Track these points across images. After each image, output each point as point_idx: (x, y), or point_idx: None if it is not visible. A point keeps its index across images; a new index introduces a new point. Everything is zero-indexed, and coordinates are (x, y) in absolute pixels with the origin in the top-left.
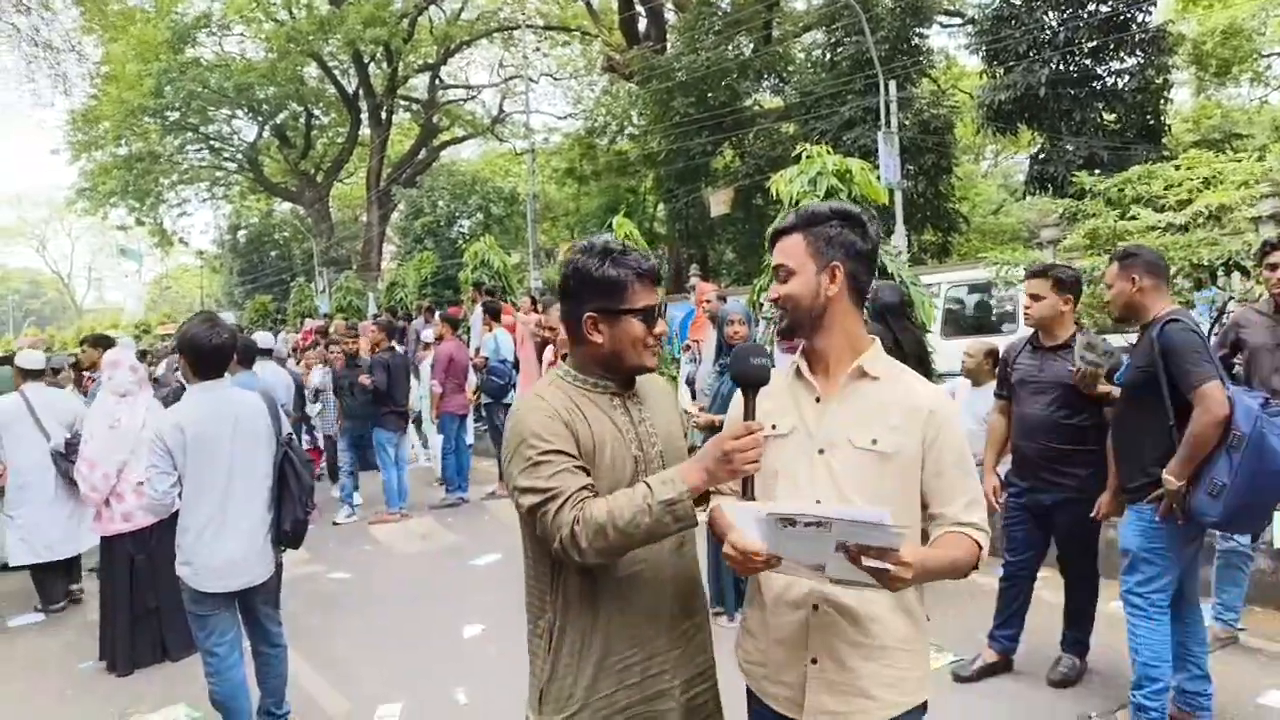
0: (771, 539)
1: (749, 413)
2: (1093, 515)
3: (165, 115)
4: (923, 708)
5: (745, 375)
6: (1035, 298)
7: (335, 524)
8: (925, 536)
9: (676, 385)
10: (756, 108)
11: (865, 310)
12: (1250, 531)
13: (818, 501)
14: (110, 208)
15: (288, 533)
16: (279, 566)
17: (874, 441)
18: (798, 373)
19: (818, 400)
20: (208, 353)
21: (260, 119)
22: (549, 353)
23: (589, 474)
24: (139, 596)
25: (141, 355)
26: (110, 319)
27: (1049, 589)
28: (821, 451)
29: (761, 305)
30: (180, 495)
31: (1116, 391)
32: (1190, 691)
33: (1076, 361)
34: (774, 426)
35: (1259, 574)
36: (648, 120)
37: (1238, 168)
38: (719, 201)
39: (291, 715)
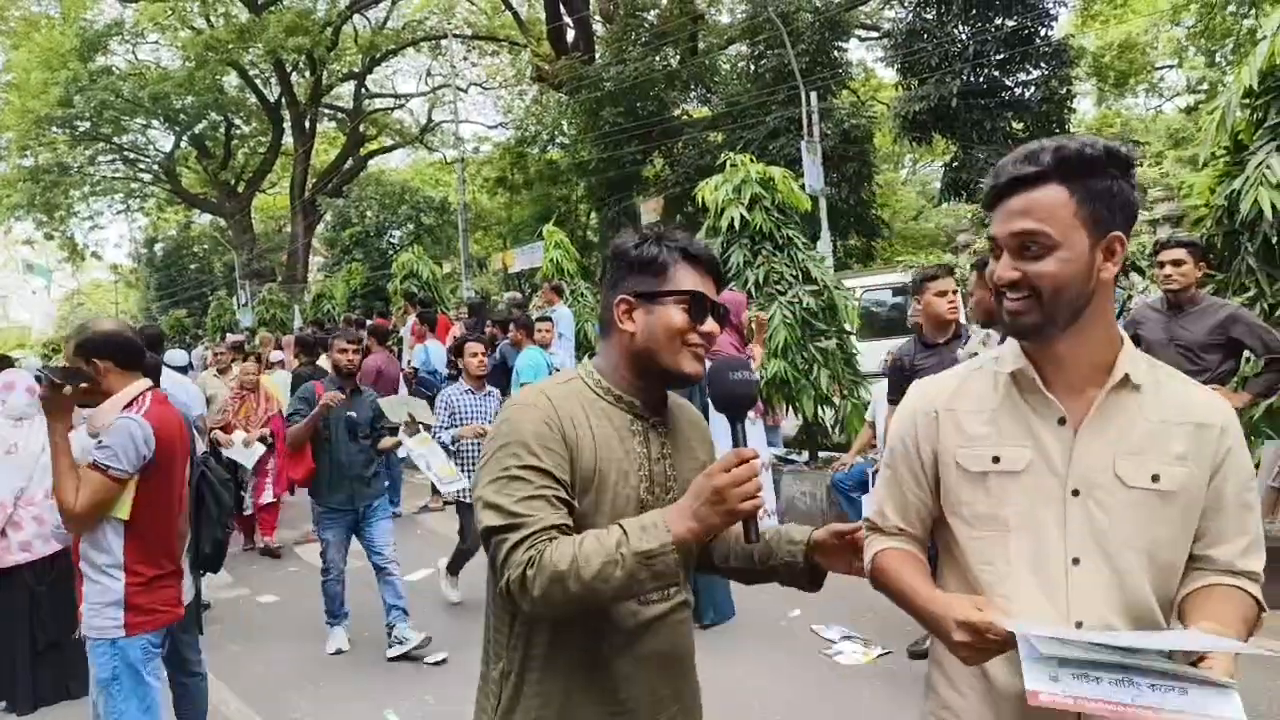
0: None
1: (738, 438)
2: None
3: (75, 125)
4: None
5: (728, 396)
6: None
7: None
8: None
9: None
10: (685, 117)
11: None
12: None
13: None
14: (15, 221)
15: (207, 555)
16: (198, 591)
17: (1155, 478)
18: (1018, 384)
19: (1062, 422)
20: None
21: (177, 129)
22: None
23: (572, 510)
24: (40, 631)
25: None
26: (16, 338)
27: None
28: (1077, 493)
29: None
30: None
31: None
32: None
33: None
34: (995, 460)
35: None
36: (578, 130)
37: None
38: (650, 209)
39: None
